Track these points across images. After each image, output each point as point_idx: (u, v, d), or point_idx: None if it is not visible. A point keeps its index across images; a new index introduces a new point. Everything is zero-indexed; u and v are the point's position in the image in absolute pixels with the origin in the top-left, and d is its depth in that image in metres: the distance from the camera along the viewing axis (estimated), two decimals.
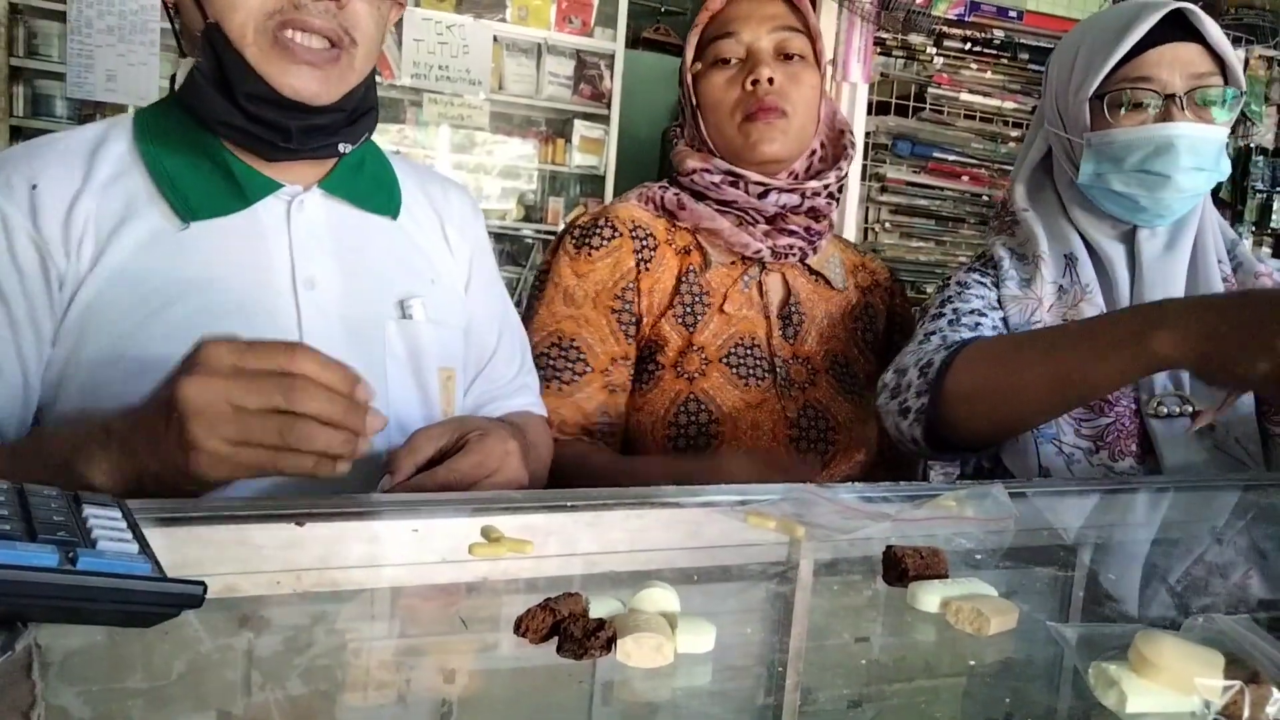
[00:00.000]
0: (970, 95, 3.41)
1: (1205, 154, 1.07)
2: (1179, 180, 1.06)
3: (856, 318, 1.31)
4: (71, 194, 0.82)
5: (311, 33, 0.82)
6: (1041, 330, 1.08)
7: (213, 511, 0.58)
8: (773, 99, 1.18)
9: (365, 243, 0.93)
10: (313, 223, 0.89)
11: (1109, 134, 1.09)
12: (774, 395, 1.20)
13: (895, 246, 3.37)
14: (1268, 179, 4.02)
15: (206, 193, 0.85)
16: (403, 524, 0.62)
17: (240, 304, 0.84)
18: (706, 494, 0.73)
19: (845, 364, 1.26)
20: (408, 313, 0.92)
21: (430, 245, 0.99)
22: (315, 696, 0.41)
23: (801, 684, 0.46)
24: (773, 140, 1.19)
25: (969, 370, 0.96)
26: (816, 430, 1.20)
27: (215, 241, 0.84)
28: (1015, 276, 1.15)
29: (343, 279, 0.89)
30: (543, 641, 0.46)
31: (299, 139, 0.85)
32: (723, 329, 1.20)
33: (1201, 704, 0.42)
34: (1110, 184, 1.10)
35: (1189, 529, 0.85)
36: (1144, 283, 1.11)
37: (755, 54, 1.20)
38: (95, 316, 0.80)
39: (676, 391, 1.16)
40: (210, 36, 0.80)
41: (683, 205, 1.23)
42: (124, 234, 0.82)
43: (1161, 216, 1.11)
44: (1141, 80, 1.07)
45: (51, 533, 0.41)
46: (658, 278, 1.21)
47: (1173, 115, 1.06)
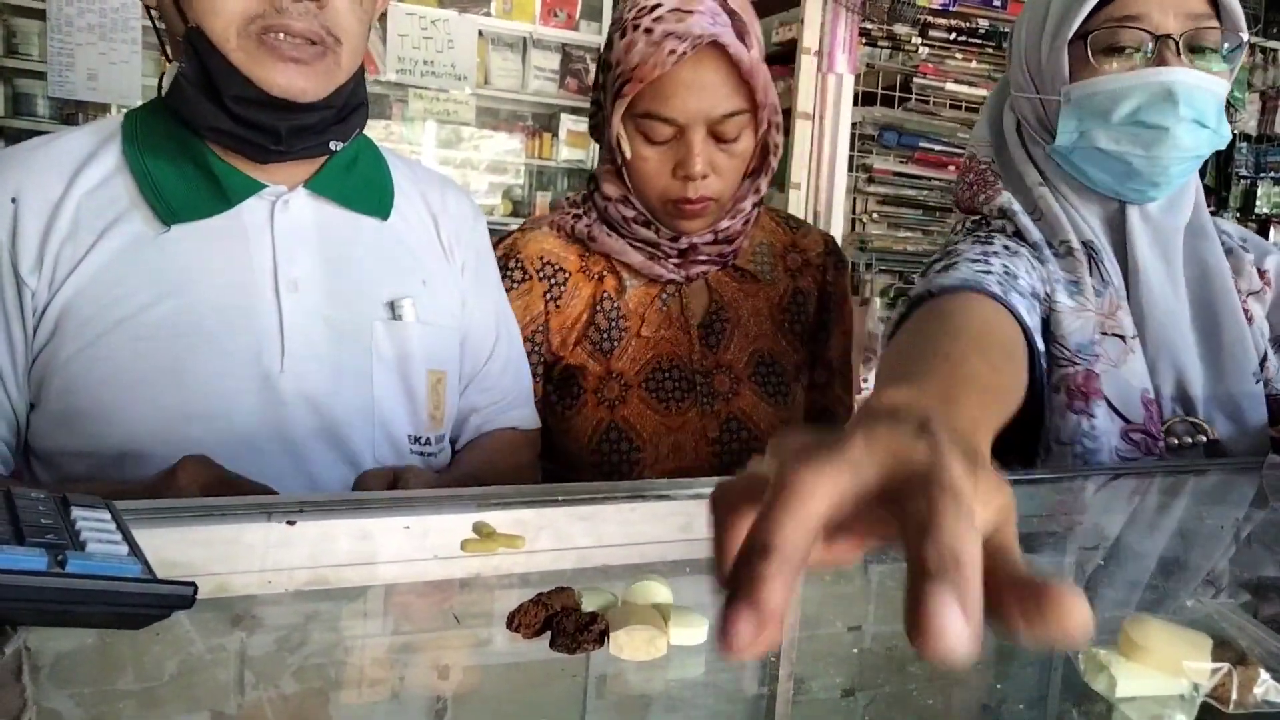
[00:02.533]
0: (956, 85, 3.41)
1: (1206, 107, 0.92)
2: (1179, 134, 0.91)
3: (785, 309, 1.27)
4: (52, 204, 0.81)
5: (294, 35, 0.81)
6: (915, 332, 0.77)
7: (203, 511, 0.58)
8: (702, 194, 1.11)
9: (352, 243, 0.91)
10: (297, 223, 0.88)
11: (1092, 83, 0.94)
12: (695, 415, 1.19)
13: (883, 237, 3.38)
14: (1251, 165, 4.04)
15: (188, 195, 0.84)
16: (394, 521, 0.62)
17: (220, 305, 0.83)
18: (698, 487, 0.73)
19: (771, 361, 1.24)
20: (398, 313, 0.91)
21: (422, 246, 0.98)
22: (309, 695, 0.41)
23: (794, 674, 0.46)
24: (696, 223, 1.15)
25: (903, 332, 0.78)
26: (739, 442, 1.19)
27: (196, 244, 0.84)
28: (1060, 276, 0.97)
29: (328, 280, 0.88)
30: (535, 636, 0.46)
31: (289, 140, 0.85)
32: (641, 353, 1.19)
33: (1190, 686, 0.43)
34: (1096, 141, 0.95)
35: (1178, 515, 0.86)
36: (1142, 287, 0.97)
37: (688, 143, 1.09)
38: (71, 318, 0.80)
39: (598, 420, 1.16)
40: (193, 40, 0.80)
41: (593, 237, 1.19)
42: (107, 240, 0.81)
43: (1156, 185, 0.95)
44: (1128, 19, 0.92)
45: (40, 535, 0.41)
46: (569, 312, 1.19)
47: (1167, 59, 0.91)
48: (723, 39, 1.06)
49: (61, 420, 0.80)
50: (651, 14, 1.08)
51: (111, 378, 0.79)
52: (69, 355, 0.79)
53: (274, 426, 0.83)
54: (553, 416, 1.19)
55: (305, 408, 0.85)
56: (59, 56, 3.28)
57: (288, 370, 0.84)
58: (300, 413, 0.84)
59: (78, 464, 0.81)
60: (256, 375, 0.83)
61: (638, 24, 1.08)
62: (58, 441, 0.81)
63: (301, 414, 0.84)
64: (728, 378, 1.21)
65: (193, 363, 0.81)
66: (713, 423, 1.19)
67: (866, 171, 3.35)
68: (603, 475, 1.16)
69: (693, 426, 1.18)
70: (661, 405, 1.18)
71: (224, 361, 0.82)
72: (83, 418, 0.79)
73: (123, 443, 0.79)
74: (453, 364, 0.98)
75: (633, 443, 1.16)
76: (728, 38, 1.06)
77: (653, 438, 1.16)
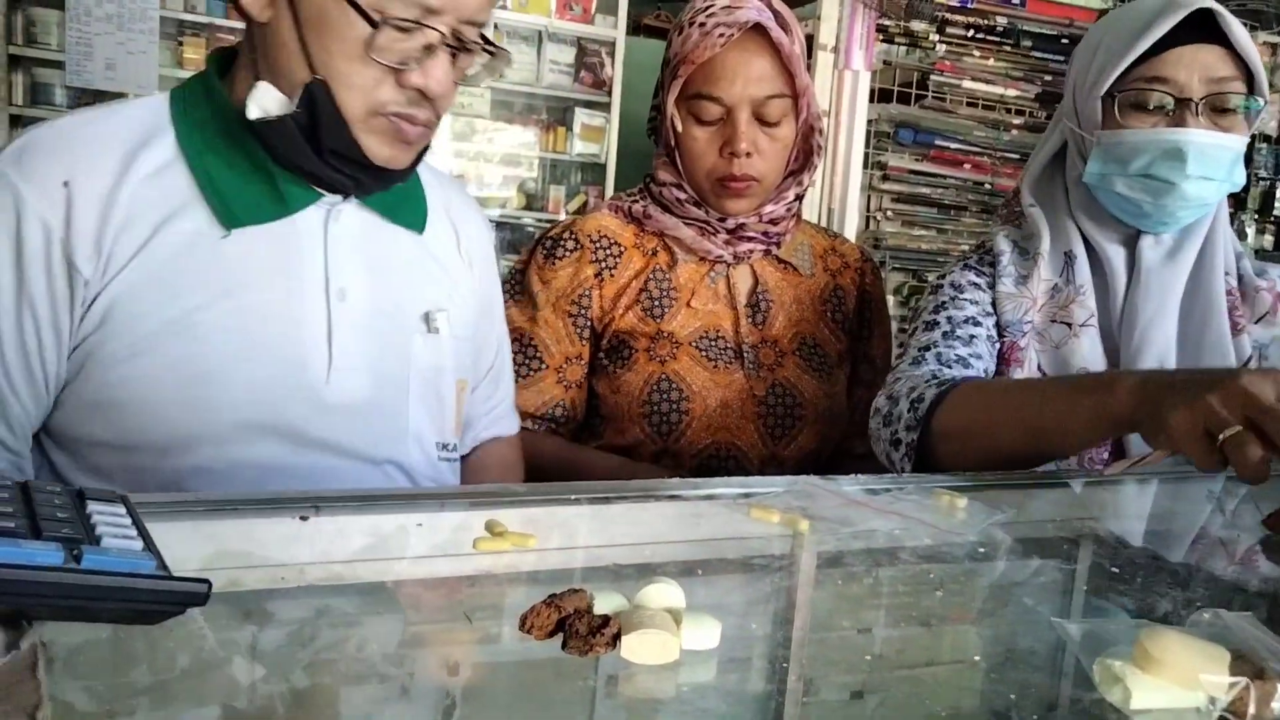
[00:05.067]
0: (973, 83, 3.39)
1: (1217, 163, 1.03)
2: (1185, 189, 1.02)
3: (825, 300, 1.36)
4: (107, 189, 0.79)
5: (416, 124, 0.83)
6: (1027, 380, 1.07)
7: (216, 506, 0.58)
8: (746, 171, 1.21)
9: (394, 255, 0.92)
10: (348, 233, 0.88)
11: (1118, 134, 1.05)
12: (742, 376, 1.27)
13: (897, 235, 3.36)
14: (1271, 166, 4.00)
15: (249, 199, 0.83)
16: (407, 518, 0.62)
17: (271, 312, 0.83)
18: (709, 487, 0.73)
19: (814, 344, 1.32)
20: (433, 326, 0.92)
21: (449, 258, 0.99)
22: (320, 690, 0.41)
23: (805, 676, 0.46)
24: (741, 203, 1.26)
25: (956, 412, 0.96)
26: (784, 406, 1.27)
27: (252, 247, 0.83)
28: (1013, 273, 1.14)
29: (371, 290, 0.89)
30: (548, 638, 0.46)
31: (366, 189, 0.87)
32: (689, 321, 1.28)
33: (1207, 700, 0.42)
34: (1114, 186, 1.07)
35: (1192, 522, 0.85)
36: (1139, 290, 1.08)
37: (734, 121, 1.20)
38: (122, 312, 0.79)
39: (650, 373, 1.24)
40: (314, 93, 0.79)
41: (648, 215, 1.30)
42: (164, 234, 0.80)
43: (1165, 224, 1.08)
44: (1156, 81, 1.03)
45: (56, 530, 0.41)
46: (622, 282, 1.28)
47: (1185, 120, 1.02)
48: (765, 24, 1.18)
49: (98, 410, 0.80)
50: (705, 11, 1.21)
51: (159, 377, 0.79)
52: (117, 351, 0.79)
53: (316, 434, 0.84)
54: (604, 378, 1.27)
55: (346, 415, 0.86)
56: (77, 46, 3.30)
57: (333, 380, 0.85)
58: (341, 420, 0.85)
59: (110, 455, 0.80)
60: (303, 383, 0.83)
61: (693, 21, 1.22)
62: (90, 430, 0.81)
63: (342, 422, 0.85)
64: (773, 351, 1.30)
65: (243, 368, 0.81)
66: (759, 385, 1.27)
67: (882, 169, 3.34)
68: (652, 427, 1.23)
69: (739, 385, 1.26)
70: (710, 364, 1.26)
71: (274, 368, 0.82)
72: (124, 411, 0.79)
73: (165, 440, 0.79)
74: (469, 372, 1.00)
75: (682, 393, 1.23)
76: (770, 24, 1.18)
77: (701, 391, 1.24)
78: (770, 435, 1.26)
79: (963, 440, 0.96)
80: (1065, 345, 1.09)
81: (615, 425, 1.26)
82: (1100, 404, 0.86)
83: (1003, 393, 1.00)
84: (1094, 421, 0.87)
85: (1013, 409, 0.94)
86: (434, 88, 0.81)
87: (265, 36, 0.81)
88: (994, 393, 1.00)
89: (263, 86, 0.81)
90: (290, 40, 0.79)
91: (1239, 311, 1.10)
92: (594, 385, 1.29)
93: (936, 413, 0.97)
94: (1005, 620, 0.57)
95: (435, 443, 0.94)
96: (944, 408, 0.97)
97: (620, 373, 1.25)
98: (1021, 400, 0.95)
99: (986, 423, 0.95)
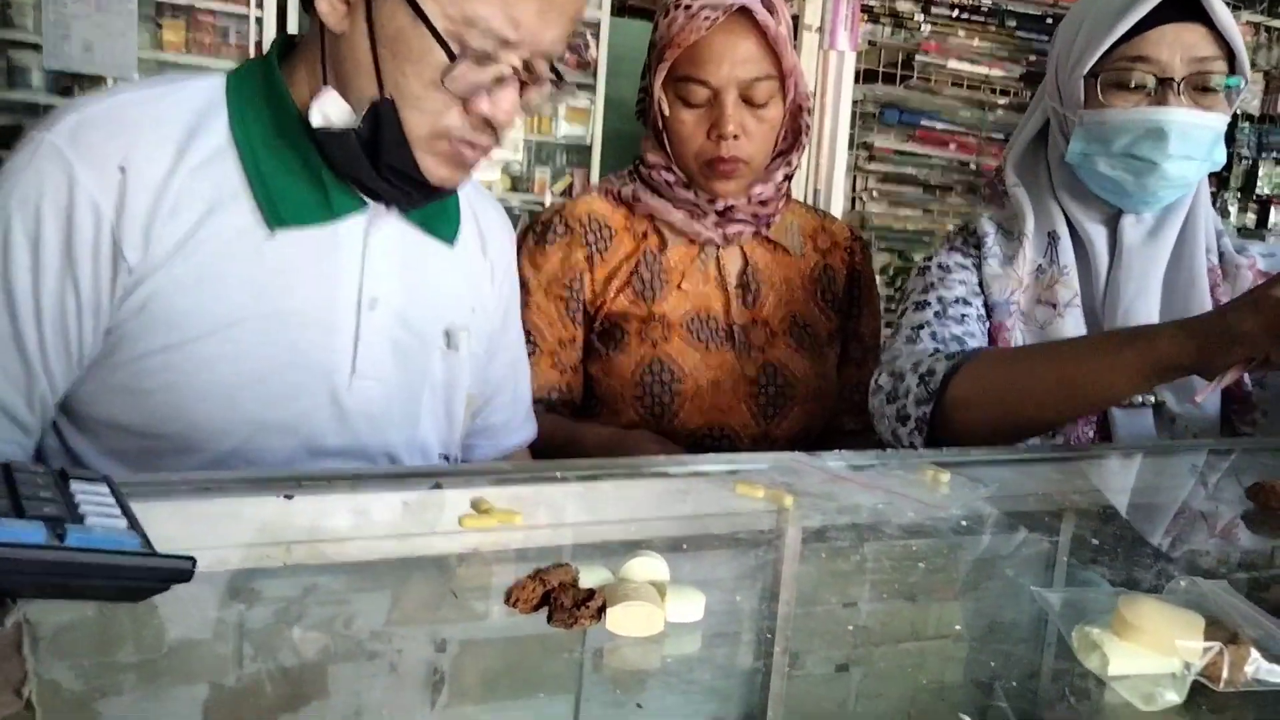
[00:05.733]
0: (958, 63, 3.39)
1: (1198, 142, 1.03)
2: (1166, 168, 1.03)
3: (815, 279, 1.37)
4: (161, 177, 0.77)
5: (475, 149, 0.82)
6: (1047, 343, 1.08)
7: (200, 485, 0.58)
8: (734, 153, 1.22)
9: (424, 268, 0.92)
10: (386, 243, 0.87)
11: (1100, 114, 1.05)
12: (733, 357, 1.28)
13: (883, 215, 3.37)
14: (1253, 146, 4.02)
15: (297, 200, 0.82)
16: (393, 496, 0.62)
17: (308, 318, 0.82)
18: (695, 464, 0.74)
19: (804, 323, 1.33)
20: (453, 343, 0.92)
21: (476, 271, 0.99)
22: (307, 668, 0.41)
23: (789, 650, 0.46)
24: (730, 184, 1.26)
25: (974, 380, 0.97)
26: (775, 386, 1.28)
27: (296, 251, 0.82)
28: (998, 254, 1.14)
29: (400, 301, 0.88)
30: (533, 612, 0.46)
31: (416, 204, 0.87)
32: (680, 303, 1.28)
33: (1182, 665, 0.43)
34: (1097, 165, 1.07)
35: (1169, 493, 0.86)
36: (1121, 269, 1.09)
37: (721, 103, 1.20)
38: (162, 306, 0.77)
39: (642, 355, 1.25)
40: (380, 112, 0.78)
41: (638, 198, 1.30)
42: (210, 226, 0.79)
43: (1147, 203, 1.08)
44: (1139, 60, 1.03)
45: (39, 509, 0.41)
46: (613, 265, 1.29)
47: (1168, 100, 1.02)
48: (751, 6, 1.18)
49: (125, 394, 0.79)
50: None
51: (192, 373, 0.78)
52: (152, 342, 0.77)
53: (333, 438, 0.84)
54: (597, 361, 1.28)
55: (362, 424, 0.86)
56: (54, 28, 3.25)
57: (354, 388, 0.84)
58: (356, 426, 0.85)
59: (130, 440, 0.80)
60: (327, 389, 0.83)
61: (679, 4, 1.21)
62: (114, 413, 0.80)
63: (357, 428, 0.86)
64: (764, 331, 1.30)
65: (275, 374, 0.81)
66: (750, 365, 1.28)
67: (867, 149, 3.34)
68: (645, 408, 1.24)
69: (730, 366, 1.27)
70: (701, 345, 1.27)
71: (303, 374, 0.82)
72: (151, 399, 0.78)
73: (187, 431, 0.79)
74: (480, 385, 1.00)
75: (674, 375, 1.24)
76: (756, 6, 1.18)
77: (693, 372, 1.25)
78: (762, 415, 1.27)
79: (982, 408, 0.97)
80: (1050, 326, 1.09)
81: (610, 408, 1.27)
82: (1144, 353, 0.88)
83: (1027, 356, 1.01)
84: (1139, 370, 0.89)
85: (1040, 371, 0.96)
86: (500, 118, 0.80)
87: (339, 47, 0.80)
88: (1017, 358, 1.02)
89: (330, 95, 0.80)
90: (364, 56, 0.78)
91: (1221, 289, 1.10)
92: (588, 369, 1.29)
93: (951, 383, 0.97)
94: (987, 592, 0.57)
95: (439, 454, 0.94)
96: (961, 377, 0.97)
97: (613, 355, 1.26)
98: (1049, 361, 0.97)
99: (1011, 387, 0.96)
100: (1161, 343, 0.88)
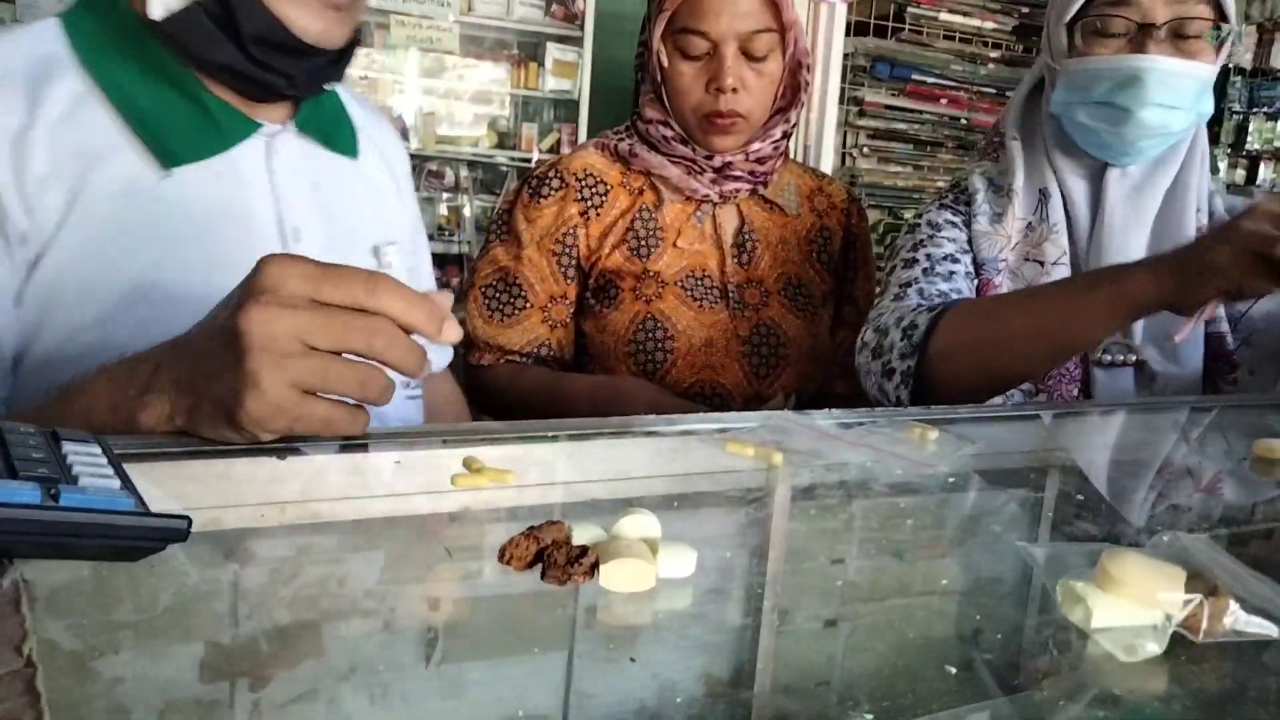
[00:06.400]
0: (950, 15, 3.35)
1: (1179, 91, 1.01)
2: (1143, 116, 1.01)
3: (811, 240, 1.36)
4: (17, 130, 0.71)
5: None
6: (1024, 290, 1.08)
7: (193, 446, 0.58)
8: (732, 107, 1.21)
9: (336, 186, 0.87)
10: (291, 166, 0.83)
11: (1081, 62, 1.05)
12: (726, 316, 1.28)
13: (873, 171, 3.35)
14: (1245, 100, 4.01)
15: (185, 134, 0.76)
16: (385, 456, 0.63)
17: (229, 260, 0.75)
18: (685, 423, 0.74)
19: (799, 284, 1.33)
20: (384, 261, 0.89)
21: (381, 183, 0.95)
22: (302, 626, 0.42)
23: (779, 606, 0.47)
24: (728, 139, 1.25)
25: (954, 330, 0.97)
26: (768, 346, 1.29)
27: (197, 190, 0.77)
28: (988, 211, 1.14)
29: (324, 227, 0.84)
30: (527, 569, 0.46)
31: (303, 84, 0.80)
32: (675, 260, 1.28)
33: (1163, 617, 0.44)
34: (1077, 115, 1.06)
35: (1154, 450, 0.87)
36: (1104, 226, 1.08)
37: (720, 56, 1.20)
38: (73, 278, 0.72)
39: (635, 312, 1.25)
40: None
41: (634, 154, 1.29)
42: (94, 183, 0.73)
43: (1127, 154, 1.07)
44: (1118, 5, 1.02)
45: (32, 470, 0.41)
46: (608, 221, 1.28)
47: (1146, 46, 1.00)
48: None
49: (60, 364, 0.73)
50: None
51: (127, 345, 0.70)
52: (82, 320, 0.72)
53: None
54: (590, 318, 1.28)
55: None
56: None
57: None
58: None
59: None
60: None
61: None
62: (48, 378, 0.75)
63: None
64: (758, 291, 1.31)
65: None
66: (743, 324, 1.28)
67: (858, 104, 3.31)
68: (638, 365, 1.25)
69: (724, 325, 1.27)
70: (695, 304, 1.27)
71: None
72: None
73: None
74: None
75: (667, 332, 1.24)
76: None
77: (686, 330, 1.25)
78: (754, 374, 1.27)
79: (964, 358, 0.97)
80: (1038, 283, 1.09)
81: (602, 364, 1.27)
82: (1118, 293, 0.88)
83: (1004, 304, 1.02)
84: (1112, 310, 0.89)
85: (1018, 316, 0.96)
86: None
87: None
88: (995, 305, 1.02)
89: None
90: None
91: None
92: (581, 325, 1.29)
93: (934, 335, 0.98)
94: (974, 547, 0.58)
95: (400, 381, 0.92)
96: (941, 328, 0.98)
97: (606, 312, 1.26)
98: (1026, 307, 0.97)
99: (991, 335, 0.96)
100: (1134, 281, 0.88)
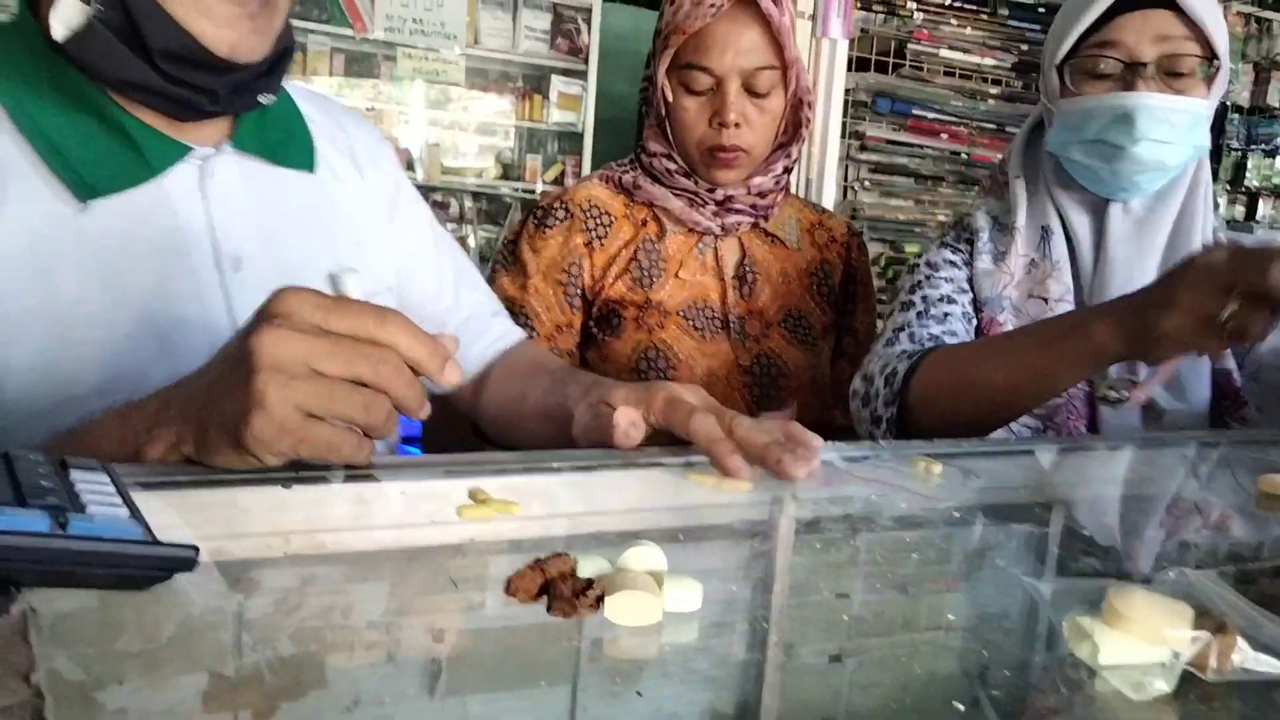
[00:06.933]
0: (950, 51, 3.39)
1: (1171, 125, 1.02)
2: (1136, 152, 1.02)
3: (811, 273, 1.38)
4: None
5: None
6: (997, 335, 1.09)
7: (199, 475, 0.58)
8: (735, 141, 1.24)
9: (284, 206, 0.82)
10: (229, 190, 0.77)
11: (1072, 102, 1.07)
12: (728, 346, 1.30)
13: (875, 205, 3.37)
14: (1243, 137, 4.04)
15: (103, 163, 0.71)
16: (390, 487, 0.63)
17: (161, 295, 0.72)
18: (689, 455, 0.74)
19: (799, 316, 1.35)
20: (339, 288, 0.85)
21: (348, 196, 0.89)
22: (307, 657, 0.41)
23: (785, 640, 0.47)
24: (730, 173, 1.28)
25: (930, 377, 0.98)
26: (769, 376, 1.30)
27: (120, 221, 0.71)
28: (991, 249, 1.15)
29: (269, 253, 0.79)
30: (533, 601, 0.46)
31: (227, 101, 0.74)
32: (677, 291, 1.30)
33: (1171, 654, 0.44)
34: (1073, 154, 1.08)
35: (1160, 486, 0.87)
36: (1107, 261, 1.08)
37: (724, 92, 1.22)
38: None
39: (638, 341, 1.27)
40: None
41: (638, 185, 1.32)
42: (4, 218, 0.67)
43: (1125, 190, 1.07)
44: (1106, 46, 1.03)
45: (40, 498, 0.41)
46: (612, 252, 1.30)
47: (1135, 85, 1.02)
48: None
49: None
50: None
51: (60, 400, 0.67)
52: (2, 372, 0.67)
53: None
54: (594, 347, 1.30)
55: None
56: None
57: None
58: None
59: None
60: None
61: None
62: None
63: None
64: (759, 322, 1.32)
65: (150, 367, 0.70)
66: (745, 355, 1.30)
67: (859, 138, 3.34)
68: None
69: (725, 355, 1.29)
70: (697, 333, 1.29)
71: (176, 361, 0.69)
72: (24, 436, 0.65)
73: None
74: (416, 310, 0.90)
75: (669, 362, 1.26)
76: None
77: (688, 359, 1.27)
78: (755, 405, 1.28)
79: (940, 405, 0.97)
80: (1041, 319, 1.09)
81: None
82: (1081, 345, 0.88)
83: (974, 351, 1.02)
84: (1079, 362, 0.89)
85: (987, 365, 0.96)
86: None
87: None
88: (965, 353, 1.02)
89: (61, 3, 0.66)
90: None
91: None
92: (584, 354, 1.31)
93: (911, 382, 0.98)
94: (980, 582, 0.58)
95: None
96: (917, 376, 0.98)
97: (609, 341, 1.27)
98: (994, 355, 0.97)
99: (961, 382, 0.97)
100: (1096, 333, 0.87)
